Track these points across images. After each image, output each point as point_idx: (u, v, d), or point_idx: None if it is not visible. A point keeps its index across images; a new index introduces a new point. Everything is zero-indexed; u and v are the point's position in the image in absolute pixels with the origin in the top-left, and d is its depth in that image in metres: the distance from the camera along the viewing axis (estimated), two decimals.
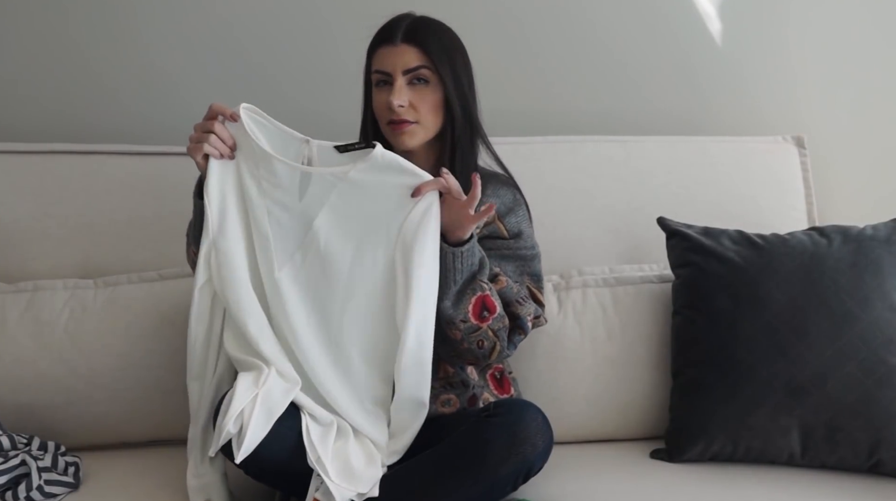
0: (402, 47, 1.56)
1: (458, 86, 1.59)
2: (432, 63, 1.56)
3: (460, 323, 1.50)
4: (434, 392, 1.61)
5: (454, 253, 1.48)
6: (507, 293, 1.56)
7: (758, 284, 1.65)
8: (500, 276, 1.57)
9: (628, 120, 2.15)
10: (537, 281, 1.63)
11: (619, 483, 1.60)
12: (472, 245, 1.49)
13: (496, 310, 1.52)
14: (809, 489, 1.56)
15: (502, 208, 1.63)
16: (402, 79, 1.56)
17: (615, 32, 2.16)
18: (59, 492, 1.54)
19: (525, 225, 1.65)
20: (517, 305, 1.56)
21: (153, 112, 2.11)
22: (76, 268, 1.89)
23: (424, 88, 1.57)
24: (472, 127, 1.63)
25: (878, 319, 1.61)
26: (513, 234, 1.62)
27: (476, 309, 1.51)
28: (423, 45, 1.56)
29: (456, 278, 1.49)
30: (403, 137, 1.57)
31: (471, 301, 1.50)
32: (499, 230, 1.62)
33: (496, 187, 1.65)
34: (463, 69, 1.61)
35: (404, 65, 1.56)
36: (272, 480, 1.52)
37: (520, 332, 1.57)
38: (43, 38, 2.10)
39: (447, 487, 1.43)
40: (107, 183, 1.94)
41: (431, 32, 1.59)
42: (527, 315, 1.57)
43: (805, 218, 2.05)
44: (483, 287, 1.51)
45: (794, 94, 2.19)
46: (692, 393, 1.68)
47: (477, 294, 1.51)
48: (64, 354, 1.73)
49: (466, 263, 1.49)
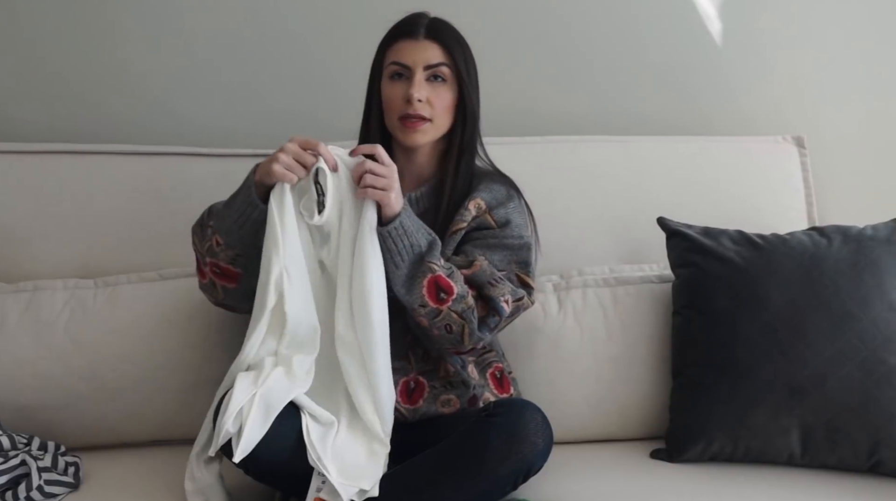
0: (424, 42, 1.57)
1: (474, 89, 1.61)
2: (453, 62, 1.57)
3: (420, 309, 1.49)
4: (434, 391, 1.61)
5: (385, 232, 1.46)
6: (478, 275, 1.53)
7: (757, 284, 1.65)
8: (476, 261, 1.55)
9: (628, 120, 2.15)
10: (525, 267, 1.60)
11: (619, 483, 1.59)
12: (402, 223, 1.47)
13: (454, 291, 1.49)
14: (809, 489, 1.56)
15: (493, 201, 1.63)
16: (423, 73, 1.56)
17: (615, 33, 2.16)
18: (59, 492, 1.54)
19: (515, 215, 1.63)
20: (489, 286, 1.52)
21: (153, 112, 2.11)
22: (76, 268, 1.89)
23: (441, 86, 1.57)
24: (477, 130, 1.64)
25: (877, 319, 1.61)
26: (500, 224, 1.61)
27: (431, 292, 1.49)
28: (445, 44, 1.58)
29: (396, 260, 1.48)
30: (416, 135, 1.57)
31: (423, 284, 1.48)
32: (487, 221, 1.61)
33: (489, 182, 1.65)
34: (474, 74, 1.63)
35: (426, 60, 1.56)
36: (272, 480, 1.52)
37: (494, 314, 1.52)
38: (43, 38, 2.10)
39: (447, 487, 1.43)
40: (107, 183, 1.94)
41: (452, 33, 1.61)
42: (499, 295, 1.51)
43: (805, 218, 2.05)
44: (433, 268, 1.48)
45: (793, 94, 2.19)
46: (692, 393, 1.68)
47: (427, 276, 1.48)
48: (64, 354, 1.73)
49: (403, 243, 1.47)
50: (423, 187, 1.64)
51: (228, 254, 1.52)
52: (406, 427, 1.58)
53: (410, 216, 1.50)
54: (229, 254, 1.52)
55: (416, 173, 1.65)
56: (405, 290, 1.49)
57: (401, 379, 1.60)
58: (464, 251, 1.60)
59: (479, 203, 1.62)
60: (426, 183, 1.65)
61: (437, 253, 1.51)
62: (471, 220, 1.61)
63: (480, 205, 1.62)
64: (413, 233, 1.49)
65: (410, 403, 1.60)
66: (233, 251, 1.52)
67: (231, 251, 1.52)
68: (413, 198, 1.64)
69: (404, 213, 1.48)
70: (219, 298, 1.59)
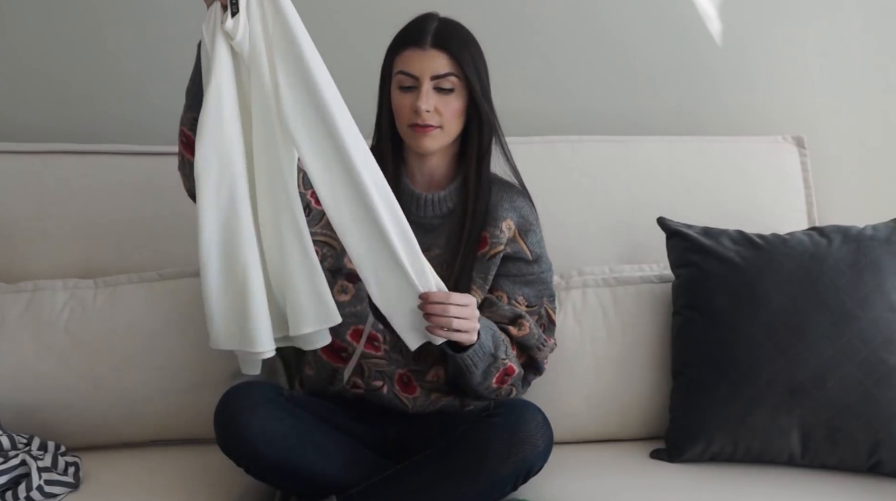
0: (431, 52, 1.54)
1: (485, 93, 1.58)
2: (461, 71, 1.55)
3: (483, 390, 1.54)
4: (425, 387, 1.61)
5: (464, 357, 1.47)
6: (527, 340, 1.58)
7: (758, 284, 1.65)
8: (522, 320, 1.58)
9: (628, 120, 2.14)
10: (552, 300, 1.65)
11: (619, 483, 1.60)
12: (482, 344, 1.48)
13: (515, 372, 1.56)
14: (809, 489, 1.56)
15: (522, 223, 1.63)
16: (430, 83, 1.54)
17: (615, 32, 2.16)
18: (59, 492, 1.54)
19: (542, 244, 1.65)
20: (536, 351, 1.59)
21: (153, 112, 2.11)
22: (76, 268, 1.89)
23: (449, 95, 1.55)
24: (494, 132, 1.62)
25: (877, 319, 1.61)
26: (535, 257, 1.62)
27: (499, 378, 1.54)
28: (453, 53, 1.54)
29: (472, 369, 1.50)
30: (426, 141, 1.56)
31: (495, 375, 1.53)
32: (522, 251, 1.62)
33: (512, 198, 1.64)
34: (485, 75, 1.60)
35: (433, 70, 1.54)
36: (273, 479, 1.52)
37: (535, 373, 1.62)
38: (43, 38, 2.10)
39: (447, 487, 1.43)
40: (107, 183, 1.94)
41: (460, 39, 1.57)
42: (544, 359, 1.60)
43: (805, 218, 2.05)
44: (504, 362, 1.53)
45: (794, 94, 2.19)
46: (692, 393, 1.68)
47: (500, 369, 1.53)
48: (64, 354, 1.73)
49: (481, 358, 1.49)
50: (451, 185, 1.63)
51: (189, 118, 1.44)
52: (407, 419, 1.58)
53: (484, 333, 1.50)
54: (190, 118, 1.44)
55: (429, 175, 1.64)
56: (477, 385, 1.53)
57: (396, 369, 1.60)
58: (500, 287, 1.60)
59: (510, 224, 1.62)
60: (451, 182, 1.63)
61: (504, 346, 1.54)
62: (504, 244, 1.61)
63: (511, 227, 1.62)
64: (487, 343, 1.50)
65: (408, 393, 1.60)
66: (192, 113, 1.42)
67: (191, 113, 1.43)
68: (438, 199, 1.62)
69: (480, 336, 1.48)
70: (188, 174, 1.45)
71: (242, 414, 1.47)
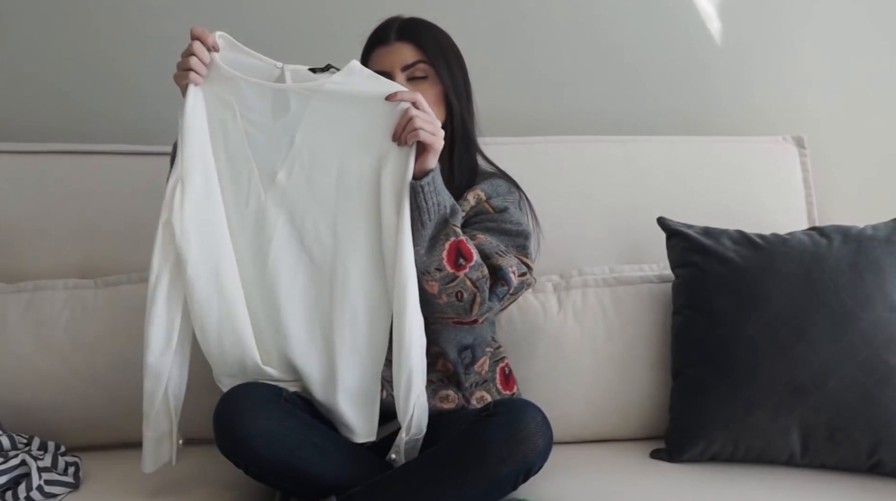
0: (396, 45, 1.59)
1: (454, 80, 1.61)
2: (427, 57, 1.58)
3: (435, 272, 1.46)
4: (433, 386, 1.61)
5: (419, 186, 1.43)
6: (484, 246, 1.52)
7: (758, 284, 1.65)
8: (477, 235, 1.55)
9: (628, 120, 2.15)
10: (523, 250, 1.59)
11: (619, 483, 1.59)
12: (435, 179, 1.45)
13: (473, 258, 1.48)
14: (809, 489, 1.56)
15: (492, 193, 1.63)
16: (402, 75, 1.58)
17: (615, 32, 2.16)
18: (59, 492, 1.54)
19: (513, 206, 1.63)
20: (497, 257, 1.51)
21: (153, 112, 2.11)
22: (76, 268, 1.89)
23: (423, 83, 1.59)
24: (471, 121, 1.63)
25: (878, 319, 1.61)
26: (498, 211, 1.61)
27: (451, 256, 1.47)
28: (417, 41, 1.59)
29: (423, 218, 1.45)
30: None
31: (444, 247, 1.46)
32: (484, 209, 1.62)
33: (492, 179, 1.66)
34: (457, 63, 1.63)
35: (401, 61, 1.58)
36: (273, 480, 1.52)
37: (503, 284, 1.50)
38: (43, 38, 2.10)
39: (447, 486, 1.43)
40: (107, 183, 1.94)
41: (424, 29, 1.62)
42: (507, 265, 1.51)
43: (805, 218, 2.06)
44: (457, 232, 1.48)
45: (794, 94, 2.20)
46: (692, 393, 1.68)
47: (451, 239, 1.47)
48: (64, 354, 1.73)
49: (432, 201, 1.45)
50: None
51: None
52: None
53: (439, 174, 1.48)
54: None
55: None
56: (425, 251, 1.46)
57: None
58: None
59: (478, 194, 1.62)
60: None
61: (459, 218, 1.50)
62: (469, 210, 1.61)
63: (479, 196, 1.62)
64: (442, 191, 1.47)
65: None
66: None
67: None
68: None
69: (436, 170, 1.46)
70: None
71: (242, 416, 1.46)
